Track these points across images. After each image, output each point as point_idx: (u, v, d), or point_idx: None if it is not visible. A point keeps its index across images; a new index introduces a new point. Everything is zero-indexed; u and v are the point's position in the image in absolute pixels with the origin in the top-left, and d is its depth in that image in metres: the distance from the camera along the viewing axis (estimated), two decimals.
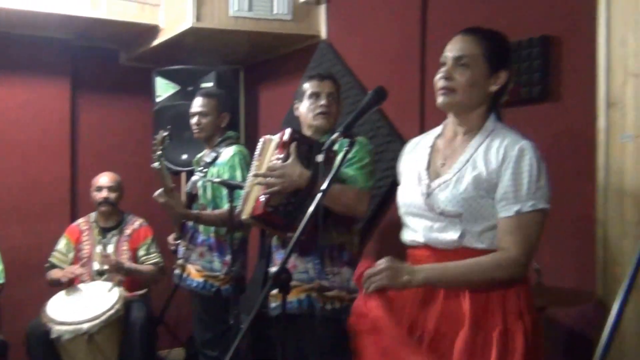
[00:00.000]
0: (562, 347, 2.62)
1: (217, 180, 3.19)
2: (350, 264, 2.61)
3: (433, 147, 1.99)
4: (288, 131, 2.56)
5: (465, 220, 1.82)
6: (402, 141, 2.20)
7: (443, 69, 1.90)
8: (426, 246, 1.90)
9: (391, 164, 2.18)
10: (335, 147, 2.34)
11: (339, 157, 1.90)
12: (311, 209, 1.78)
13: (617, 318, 1.09)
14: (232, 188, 3.06)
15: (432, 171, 1.93)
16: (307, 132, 2.75)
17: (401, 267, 1.81)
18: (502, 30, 1.97)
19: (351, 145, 1.89)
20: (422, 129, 3.04)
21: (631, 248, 2.35)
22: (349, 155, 2.54)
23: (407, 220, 1.97)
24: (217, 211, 3.30)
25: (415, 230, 1.93)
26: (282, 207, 2.48)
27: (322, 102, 2.72)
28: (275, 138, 2.65)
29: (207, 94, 3.53)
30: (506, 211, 1.79)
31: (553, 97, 2.66)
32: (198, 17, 3.91)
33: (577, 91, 2.58)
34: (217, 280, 3.30)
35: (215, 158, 3.40)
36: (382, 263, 1.82)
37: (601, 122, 2.44)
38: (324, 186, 1.82)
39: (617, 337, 2.26)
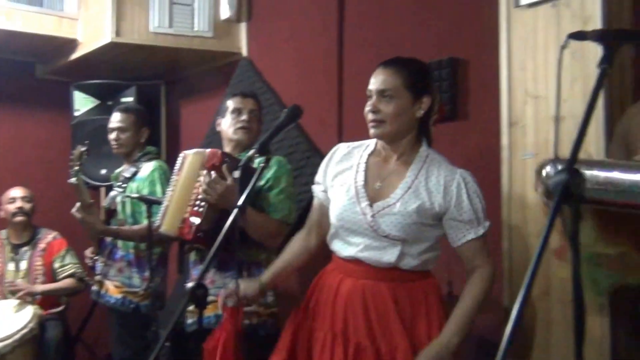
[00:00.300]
0: (472, 354, 2.73)
1: (136, 195, 3.17)
2: None
3: (367, 165, 2.07)
4: (218, 153, 2.58)
5: (407, 243, 1.95)
6: (321, 156, 2.26)
7: (370, 103, 2.00)
8: (360, 261, 1.99)
9: (310, 179, 2.23)
10: (255, 164, 2.39)
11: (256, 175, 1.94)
12: (227, 224, 1.82)
13: (515, 325, 1.17)
14: (151, 203, 3.04)
15: (370, 191, 2.01)
16: (227, 146, 2.78)
17: (439, 351, 1.89)
18: (412, 51, 2.08)
19: (267, 161, 1.95)
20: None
21: None
22: (269, 175, 2.61)
23: (343, 234, 2.05)
24: (136, 227, 3.26)
25: (352, 245, 2.01)
26: (212, 232, 2.50)
27: (244, 117, 2.76)
28: (195, 154, 2.68)
29: (125, 110, 3.49)
30: (473, 234, 1.96)
31: (461, 116, 2.79)
32: (117, 32, 3.88)
33: (483, 111, 2.72)
34: (136, 297, 3.26)
35: (135, 173, 3.37)
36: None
37: (504, 140, 2.58)
38: (239, 202, 1.87)
39: (517, 339, 2.40)
